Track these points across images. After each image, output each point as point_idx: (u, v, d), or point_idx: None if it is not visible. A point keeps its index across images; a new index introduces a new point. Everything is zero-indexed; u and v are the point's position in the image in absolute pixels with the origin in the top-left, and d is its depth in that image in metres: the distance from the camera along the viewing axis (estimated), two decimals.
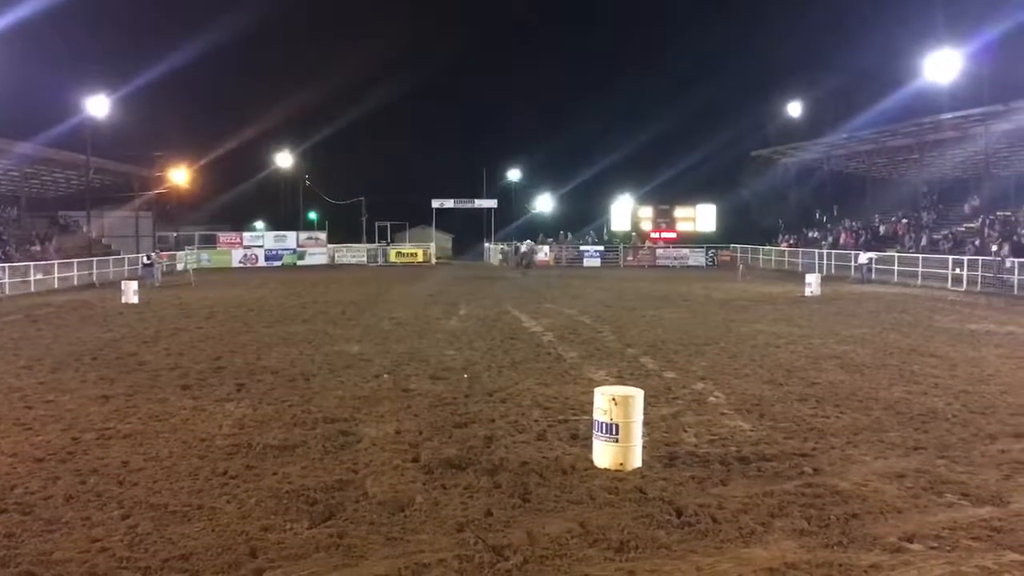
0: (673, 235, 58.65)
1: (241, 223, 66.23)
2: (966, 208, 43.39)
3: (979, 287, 30.48)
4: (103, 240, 50.32)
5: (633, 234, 59.80)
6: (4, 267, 31.80)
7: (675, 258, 53.72)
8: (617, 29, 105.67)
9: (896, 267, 36.05)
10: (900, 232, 44.32)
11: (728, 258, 52.31)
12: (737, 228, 58.43)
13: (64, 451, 8.29)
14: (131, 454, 8.17)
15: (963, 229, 40.14)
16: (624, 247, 55.61)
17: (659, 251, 55.04)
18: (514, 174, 68.55)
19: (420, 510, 6.55)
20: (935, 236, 40.55)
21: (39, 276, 32.95)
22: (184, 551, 5.72)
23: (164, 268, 39.27)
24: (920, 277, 33.86)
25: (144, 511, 6.52)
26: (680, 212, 59.74)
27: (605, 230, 61.95)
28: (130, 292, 25.84)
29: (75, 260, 37.49)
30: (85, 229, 47.81)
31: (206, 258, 51.60)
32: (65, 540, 5.95)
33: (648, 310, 22.68)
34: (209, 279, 38.21)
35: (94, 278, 37.04)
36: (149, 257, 36.20)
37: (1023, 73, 37.51)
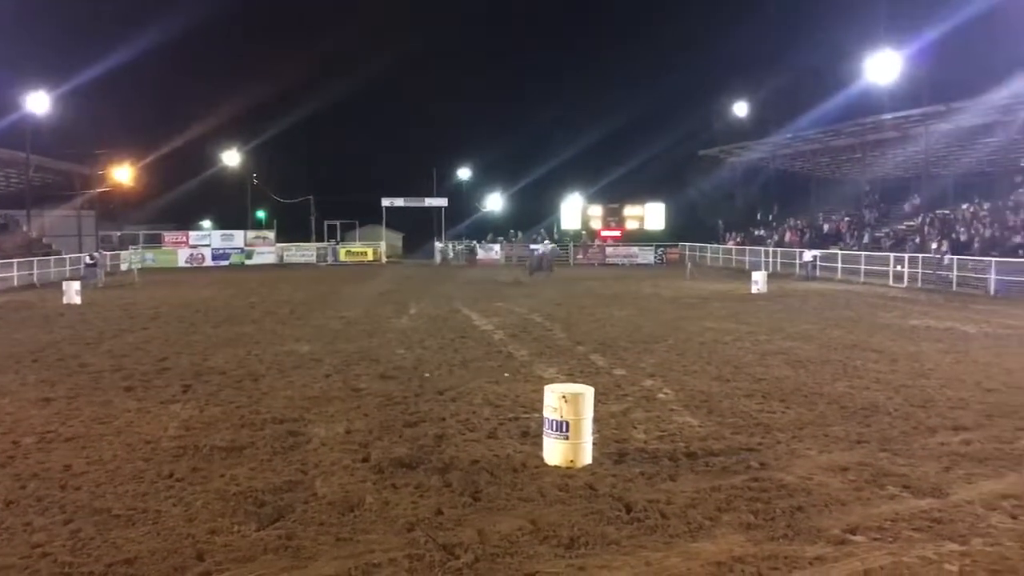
0: (622, 234, 59.14)
1: (187, 222, 65.07)
2: (907, 207, 44.45)
3: (920, 284, 31.22)
4: (44, 239, 49.11)
5: (583, 233, 60.15)
6: None
7: (624, 256, 54.13)
8: (564, 29, 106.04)
9: (839, 264, 36.76)
10: (843, 230, 45.20)
11: (676, 256, 52.87)
12: (685, 227, 59.14)
13: (3, 455, 8.08)
14: (74, 458, 7.99)
15: (904, 227, 41.12)
16: (574, 246, 55.89)
17: (608, 250, 55.42)
18: (464, 173, 68.46)
19: (370, 510, 6.51)
20: (877, 234, 41.46)
21: None
22: (129, 555, 5.61)
23: (108, 268, 38.49)
24: (863, 274, 34.59)
25: (87, 515, 6.39)
26: (629, 211, 60.28)
27: (555, 229, 62.21)
28: (72, 293, 25.28)
29: (15, 260, 36.49)
30: (25, 228, 46.65)
31: (151, 258, 50.71)
32: (6, 546, 5.81)
33: (598, 308, 22.82)
34: (154, 279, 37.55)
35: (35, 278, 36.13)
36: (92, 257, 35.32)
37: (962, 75, 38.42)
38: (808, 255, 37.49)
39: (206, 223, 68.17)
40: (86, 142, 53.95)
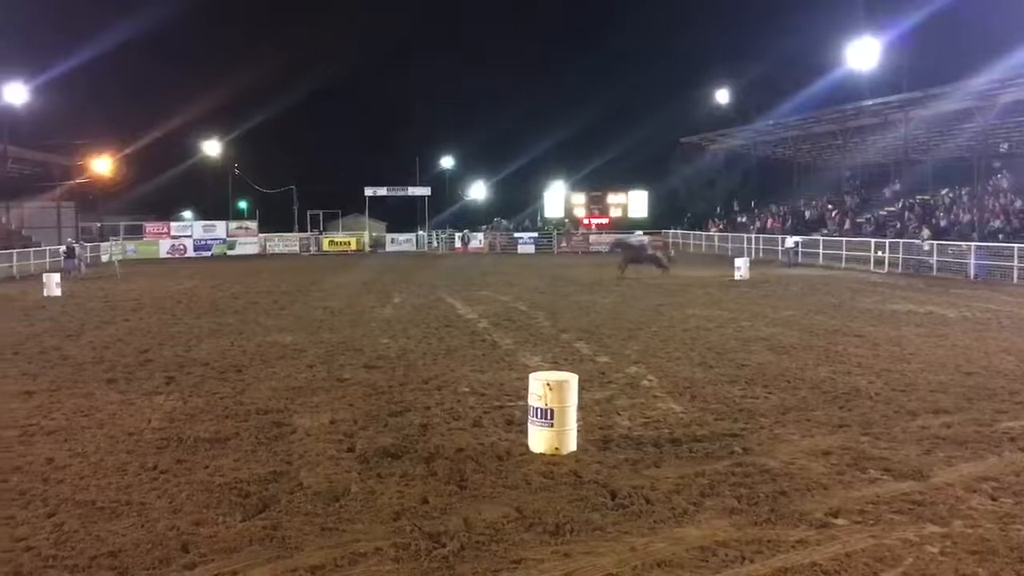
0: (606, 221, 59.23)
1: (168, 213, 64.61)
2: (887, 193, 44.75)
3: (900, 269, 31.44)
4: (23, 231, 48.68)
5: (566, 220, 60.20)
6: None
7: (608, 244, 54.18)
8: (546, 17, 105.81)
9: (821, 250, 36.99)
10: (825, 216, 45.42)
11: (660, 244, 52.91)
12: (668, 214, 59.29)
13: None
14: (56, 450, 7.95)
15: (884, 213, 41.39)
16: (558, 233, 55.93)
17: (592, 237, 55.46)
18: (447, 161, 68.36)
19: (356, 500, 6.51)
20: (858, 220, 41.71)
21: None
22: (113, 548, 5.60)
23: (88, 260, 38.15)
24: (844, 260, 34.83)
25: (71, 508, 6.36)
26: (612, 198, 60.42)
27: (539, 217, 62.25)
28: (52, 285, 25.07)
29: None
30: (3, 220, 46.20)
31: (132, 249, 50.29)
32: None
33: (582, 296, 22.86)
34: (136, 270, 37.26)
35: (14, 271, 35.78)
36: (68, 247, 34.87)
37: (940, 61, 38.69)
38: (790, 241, 37.68)
39: (187, 214, 67.67)
40: (65, 133, 53.45)
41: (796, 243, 37.38)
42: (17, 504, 6.48)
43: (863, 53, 37.36)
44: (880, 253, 33.02)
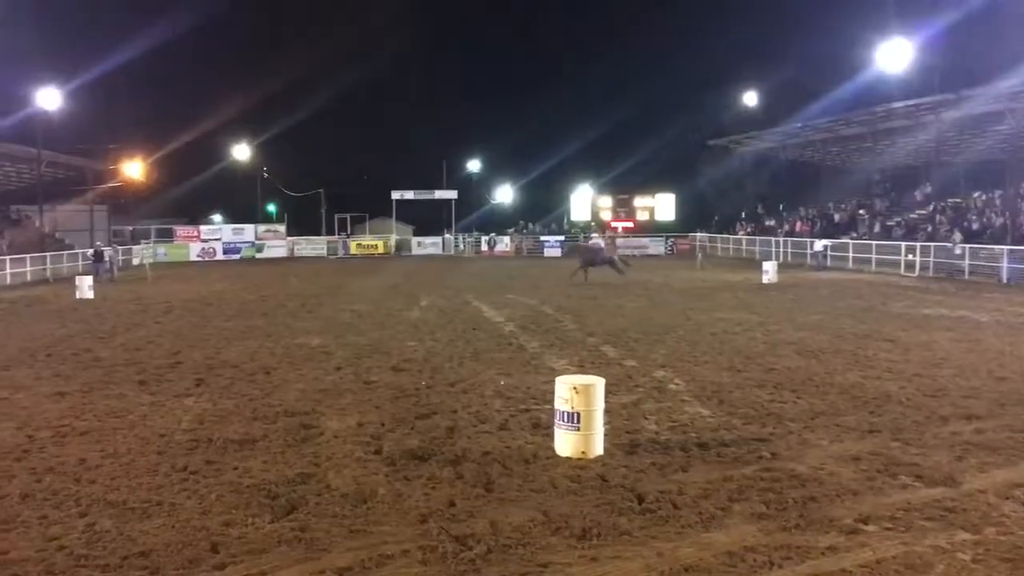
0: (632, 224, 59.06)
1: (198, 216, 65.32)
2: (918, 195, 44.18)
3: (931, 272, 31.08)
4: (56, 234, 49.37)
5: (593, 224, 60.06)
6: None
7: (635, 247, 54.00)
8: (573, 19, 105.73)
9: (850, 254, 36.63)
10: (856, 219, 44.99)
11: (687, 247, 52.72)
12: (696, 216, 58.99)
13: (19, 449, 8.15)
14: (88, 451, 8.05)
15: (915, 216, 40.88)
16: (584, 237, 55.79)
17: (619, 240, 55.31)
18: (474, 165, 68.45)
19: (383, 502, 6.54)
20: (888, 223, 41.25)
21: None
22: (144, 548, 5.66)
23: (120, 263, 38.59)
24: (874, 263, 34.46)
25: (102, 508, 6.45)
26: (639, 201, 60.19)
27: (565, 220, 62.18)
28: (85, 287, 25.42)
29: (28, 255, 36.72)
30: (38, 223, 46.85)
31: (163, 252, 50.83)
32: (22, 539, 5.86)
33: (609, 299, 22.81)
34: (166, 273, 37.68)
35: (47, 273, 36.33)
36: (97, 251, 35.16)
37: (973, 62, 38.18)
38: (819, 244, 37.37)
39: (217, 217, 68.27)
40: (97, 137, 54.17)
41: (825, 246, 37.08)
42: (50, 504, 6.57)
43: (894, 54, 36.93)
44: (911, 256, 32.64)
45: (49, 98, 41.41)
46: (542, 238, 56.19)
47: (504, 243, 55.62)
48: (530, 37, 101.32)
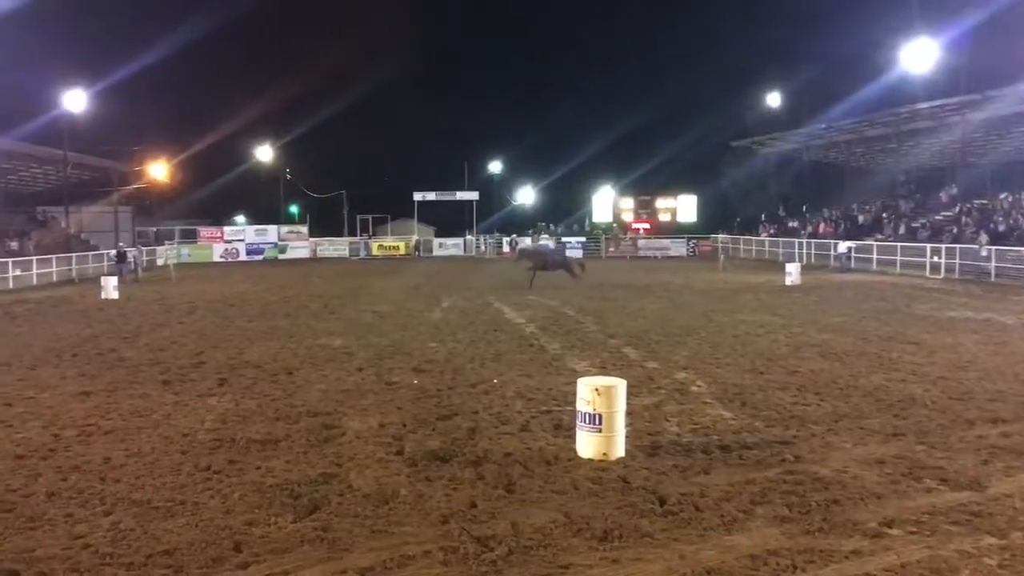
0: (653, 226, 58.91)
1: (221, 217, 65.84)
2: (943, 196, 43.75)
3: (957, 274, 30.77)
4: (82, 235, 49.89)
5: (614, 225, 60.00)
6: None
7: (656, 249, 53.87)
8: (596, 19, 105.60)
9: (875, 255, 36.33)
10: (881, 220, 44.64)
11: (709, 248, 52.49)
12: (718, 218, 58.77)
13: (45, 448, 8.24)
14: (113, 450, 8.13)
15: (941, 217, 40.50)
16: (605, 238, 55.75)
17: (640, 242, 55.20)
18: (496, 166, 68.54)
19: (405, 502, 6.56)
20: (913, 224, 40.89)
21: (17, 272, 32.59)
22: (168, 546, 5.70)
23: (144, 263, 38.93)
24: (899, 265, 34.14)
25: (127, 507, 6.50)
26: (661, 203, 60.12)
27: (587, 221, 62.14)
28: (110, 288, 25.68)
29: (54, 256, 37.15)
30: (64, 224, 47.38)
31: (186, 253, 51.26)
32: (48, 537, 5.92)
33: (630, 301, 22.75)
34: (190, 274, 37.96)
35: (73, 274, 36.72)
36: (120, 252, 35.47)
37: (999, 62, 37.75)
38: (843, 246, 37.10)
39: (240, 218, 68.82)
40: (122, 139, 54.74)
41: (849, 248, 36.80)
42: (75, 502, 6.64)
43: (918, 55, 36.65)
44: (936, 258, 32.32)
45: (75, 100, 41.84)
46: (563, 239, 56.13)
47: (526, 244, 55.59)
48: (552, 38, 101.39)
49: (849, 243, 37.70)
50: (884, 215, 45.23)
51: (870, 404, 9.89)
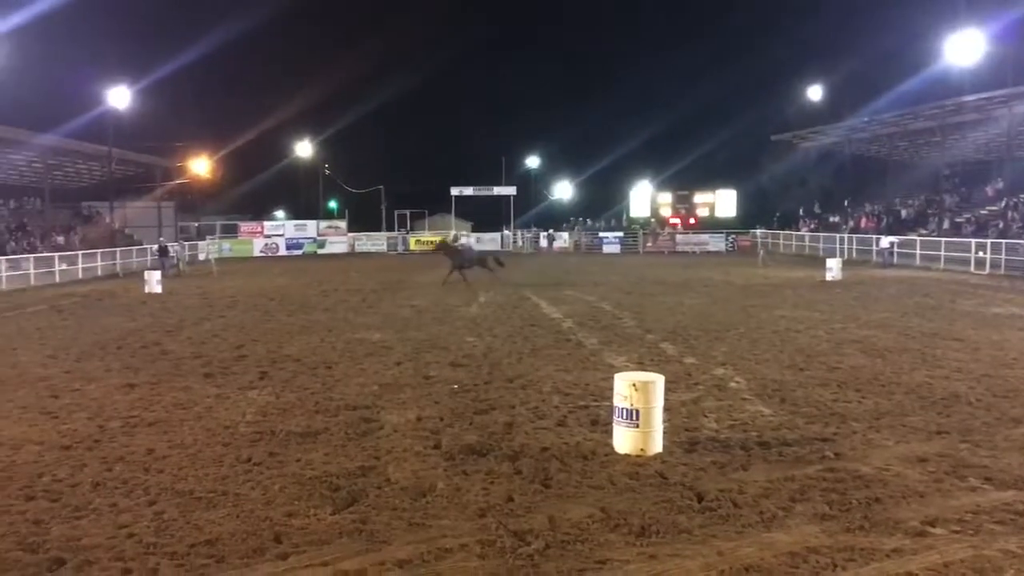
0: (693, 221, 58.53)
1: (262, 212, 66.52)
2: (989, 191, 42.93)
3: (1003, 270, 30.20)
4: (126, 230, 50.71)
5: (652, 220, 59.69)
6: (29, 258, 32.20)
7: (695, 244, 53.46)
8: (634, 15, 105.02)
9: (918, 251, 35.76)
10: (922, 215, 43.94)
11: (748, 243, 51.97)
12: (757, 213, 58.20)
13: (91, 439, 8.40)
14: (156, 441, 8.27)
15: (986, 212, 39.76)
16: (643, 233, 55.48)
17: (678, 237, 54.84)
18: (533, 161, 68.48)
19: (442, 496, 6.59)
20: (958, 219, 40.18)
21: (63, 267, 33.28)
22: (210, 536, 5.79)
23: (186, 258, 39.48)
24: (943, 261, 33.58)
25: (170, 497, 6.61)
26: (700, 198, 59.71)
27: (624, 216, 61.90)
28: (153, 282, 26.07)
29: (99, 250, 37.84)
30: (108, 219, 48.21)
31: (227, 248, 51.87)
32: (93, 526, 6.04)
33: (668, 296, 22.63)
34: (231, 268, 38.43)
35: (117, 268, 37.38)
36: (162, 247, 35.98)
37: None
38: (885, 241, 36.54)
39: (280, 213, 69.49)
40: (165, 135, 55.47)
41: (892, 243, 36.24)
42: (120, 492, 6.76)
43: (964, 47, 35.93)
44: (981, 254, 31.74)
45: (119, 97, 42.45)
46: (600, 234, 55.97)
47: (563, 239, 55.52)
48: (590, 33, 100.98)
49: (892, 238, 37.12)
50: (928, 210, 44.52)
51: (913, 401, 9.75)
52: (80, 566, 5.36)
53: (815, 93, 52.50)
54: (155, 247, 37.34)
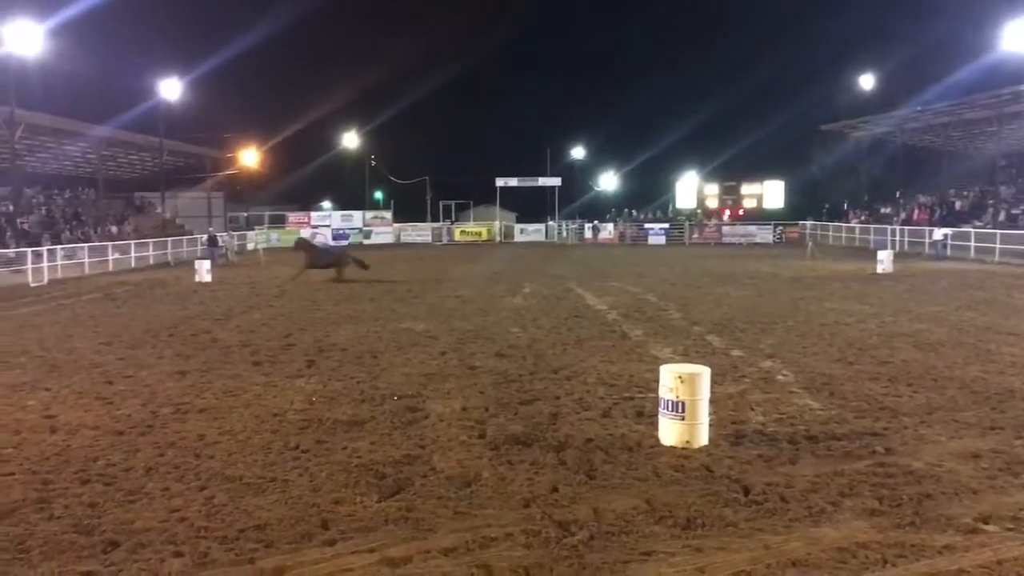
0: (740, 212, 57.88)
1: (309, 203, 67.24)
2: None
3: None
4: (177, 220, 51.62)
5: (698, 211, 59.16)
6: (84, 247, 32.94)
7: (741, 235, 52.89)
8: (683, 3, 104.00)
9: (972, 243, 34.98)
10: (977, 207, 42.98)
11: (796, 235, 51.25)
12: (806, 204, 57.37)
13: (143, 424, 8.57)
14: (207, 428, 8.41)
15: None
16: (689, 224, 55.02)
17: (725, 228, 54.30)
18: (578, 152, 68.25)
19: (487, 485, 6.62)
20: (1014, 211, 39.24)
21: (117, 256, 33.97)
22: (259, 521, 5.88)
23: (235, 247, 40.05)
24: (998, 253, 32.80)
25: (220, 483, 6.72)
26: (747, 189, 58.96)
27: (670, 208, 61.43)
28: (203, 271, 26.50)
29: (151, 240, 38.57)
30: (160, 210, 49.08)
31: (275, 238, 52.47)
32: (146, 510, 6.15)
33: (714, 288, 22.43)
34: (279, 258, 38.83)
35: (169, 257, 38.06)
36: (211, 237, 36.50)
37: None
38: (939, 233, 35.83)
39: (327, 204, 70.19)
40: (215, 127, 56.42)
41: (945, 235, 35.51)
42: (172, 477, 6.89)
43: (1022, 34, 35.01)
44: None
45: (171, 89, 43.13)
46: (646, 225, 55.63)
47: (607, 230, 55.28)
48: (637, 21, 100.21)
49: (945, 230, 36.39)
50: (984, 201, 43.53)
51: (966, 396, 9.55)
52: (133, 548, 5.46)
53: (866, 82, 51.57)
54: (205, 237, 37.94)
